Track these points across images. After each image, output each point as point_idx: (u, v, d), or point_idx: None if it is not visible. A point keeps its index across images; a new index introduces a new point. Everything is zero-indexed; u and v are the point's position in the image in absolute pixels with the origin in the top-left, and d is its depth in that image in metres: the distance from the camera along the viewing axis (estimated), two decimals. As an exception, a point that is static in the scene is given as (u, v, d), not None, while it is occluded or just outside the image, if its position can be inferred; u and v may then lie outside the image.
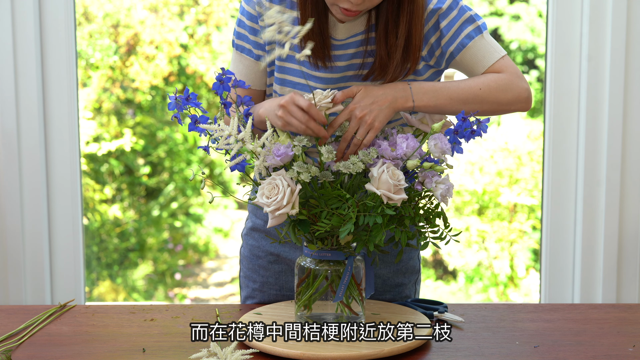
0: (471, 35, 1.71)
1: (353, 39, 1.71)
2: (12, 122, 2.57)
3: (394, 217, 1.53)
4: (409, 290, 1.91)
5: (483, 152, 4.43)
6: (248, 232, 1.93)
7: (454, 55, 1.72)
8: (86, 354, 1.55)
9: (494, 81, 1.68)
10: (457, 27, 1.71)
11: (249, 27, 1.76)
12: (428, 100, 1.65)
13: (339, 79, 1.72)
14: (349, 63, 1.72)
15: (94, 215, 4.41)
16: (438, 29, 1.71)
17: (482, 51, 1.72)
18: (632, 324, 1.71)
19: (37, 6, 2.57)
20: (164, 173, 4.56)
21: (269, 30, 1.49)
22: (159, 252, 4.49)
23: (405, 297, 1.90)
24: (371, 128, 1.59)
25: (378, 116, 1.60)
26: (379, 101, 1.62)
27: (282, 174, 1.51)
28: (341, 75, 1.72)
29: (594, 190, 2.63)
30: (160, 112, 4.47)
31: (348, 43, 1.72)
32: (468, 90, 1.67)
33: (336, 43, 1.71)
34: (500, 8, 4.68)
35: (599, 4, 2.56)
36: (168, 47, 4.33)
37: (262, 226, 1.89)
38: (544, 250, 2.70)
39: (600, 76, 2.59)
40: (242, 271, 1.95)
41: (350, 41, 1.71)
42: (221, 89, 1.58)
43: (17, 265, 2.61)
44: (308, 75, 1.73)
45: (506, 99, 1.69)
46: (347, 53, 1.71)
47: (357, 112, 1.60)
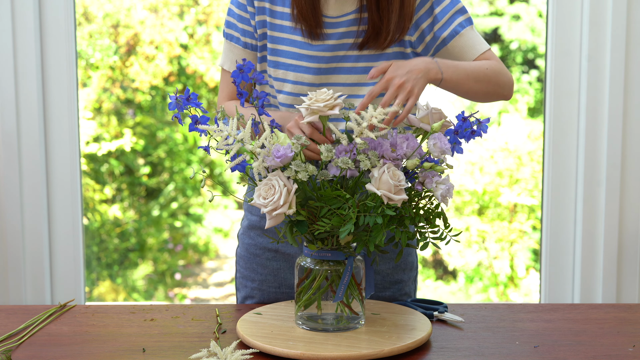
0: (463, 24, 1.79)
1: (345, 17, 1.76)
2: (12, 122, 2.57)
3: (394, 217, 1.53)
4: (408, 287, 1.91)
5: (483, 152, 4.43)
6: (244, 232, 1.93)
7: (447, 41, 1.78)
8: (86, 354, 1.55)
9: (493, 65, 1.77)
10: (450, 15, 1.78)
11: (237, 15, 1.83)
12: (452, 74, 1.69)
13: (330, 59, 1.77)
14: (340, 42, 1.77)
15: (94, 215, 4.41)
16: (432, 15, 1.77)
17: (472, 40, 1.80)
18: (632, 324, 1.71)
19: (37, 6, 2.57)
20: (164, 173, 4.56)
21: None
22: (159, 252, 4.49)
23: (405, 295, 1.90)
24: (411, 95, 1.61)
25: (417, 84, 1.63)
26: (415, 70, 1.64)
27: (279, 174, 1.51)
28: (332, 54, 1.77)
29: (594, 190, 2.63)
30: (161, 112, 4.47)
31: (340, 22, 1.76)
32: (478, 70, 1.75)
33: (328, 21, 1.76)
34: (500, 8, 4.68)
35: (599, 4, 2.56)
36: (168, 47, 4.33)
37: (258, 222, 1.89)
38: (544, 250, 2.70)
39: (600, 76, 2.59)
40: (238, 272, 1.95)
41: (342, 20, 1.76)
42: (240, 77, 1.60)
43: (17, 265, 2.61)
44: (299, 55, 1.77)
45: (503, 81, 1.78)
46: (338, 32, 1.76)
47: (395, 81, 1.62)
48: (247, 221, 1.93)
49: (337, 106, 1.55)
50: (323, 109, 1.54)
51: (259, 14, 1.81)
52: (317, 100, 1.55)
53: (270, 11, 1.80)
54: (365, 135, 1.52)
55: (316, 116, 1.55)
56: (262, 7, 1.80)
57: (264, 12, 1.80)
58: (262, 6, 1.80)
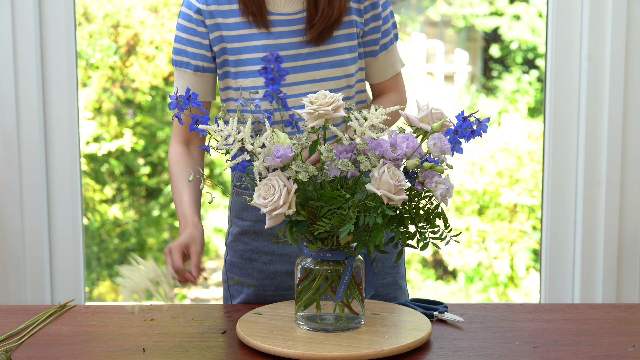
0: (393, 39, 1.90)
1: (296, 15, 1.80)
2: (12, 122, 2.57)
3: (394, 217, 1.53)
4: (402, 269, 1.94)
5: (483, 152, 4.43)
6: (236, 239, 1.90)
7: (377, 53, 1.88)
8: (86, 354, 1.55)
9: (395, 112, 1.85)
10: (391, 23, 1.89)
11: (185, 40, 1.81)
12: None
13: (292, 57, 1.80)
14: (294, 41, 1.80)
15: (94, 215, 4.41)
16: (377, 8, 1.84)
17: (394, 57, 1.91)
18: (632, 324, 1.71)
19: (37, 6, 2.57)
20: (164, 173, 4.56)
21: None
22: (159, 252, 4.49)
23: (402, 279, 1.93)
24: None
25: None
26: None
27: (279, 174, 1.51)
28: (293, 52, 1.80)
29: (594, 190, 2.63)
30: (160, 112, 4.47)
31: (292, 19, 1.80)
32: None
33: (280, 18, 1.79)
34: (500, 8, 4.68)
35: (599, 4, 2.56)
36: (168, 47, 4.33)
37: (251, 227, 1.87)
38: (544, 250, 2.70)
39: (600, 76, 2.59)
40: (231, 279, 1.92)
41: (294, 17, 1.80)
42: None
43: (17, 265, 2.61)
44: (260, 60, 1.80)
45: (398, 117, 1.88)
46: (290, 29, 1.80)
47: None
48: (237, 228, 1.90)
49: (340, 107, 1.54)
50: (330, 112, 1.53)
51: (212, 32, 1.80)
52: (322, 104, 1.53)
53: (225, 25, 1.79)
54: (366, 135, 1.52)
55: (322, 120, 1.54)
56: (215, 24, 1.79)
57: (218, 28, 1.79)
58: (214, 23, 1.79)
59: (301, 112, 1.54)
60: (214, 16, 1.79)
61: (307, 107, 1.53)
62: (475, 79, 4.98)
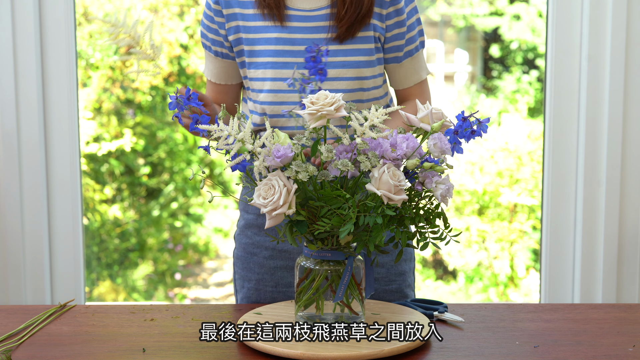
0: (419, 47, 1.91)
1: (317, 12, 1.81)
2: (12, 122, 2.57)
3: (394, 217, 1.53)
4: (410, 278, 1.93)
5: (483, 152, 4.43)
6: (241, 231, 1.95)
7: (401, 59, 1.89)
8: (86, 354, 1.55)
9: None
10: (417, 31, 1.90)
11: (206, 26, 1.89)
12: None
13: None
14: (313, 37, 1.81)
15: (94, 215, 4.41)
16: (402, 15, 1.85)
17: (420, 64, 1.93)
18: (632, 324, 1.71)
19: (37, 6, 2.57)
20: (164, 173, 4.56)
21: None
22: (159, 252, 4.49)
23: (408, 287, 1.92)
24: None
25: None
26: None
27: (279, 174, 1.51)
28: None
29: (594, 190, 2.63)
30: (160, 112, 4.47)
31: (312, 16, 1.81)
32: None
33: (300, 14, 1.81)
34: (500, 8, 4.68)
35: (599, 4, 2.56)
36: (168, 47, 4.33)
37: (255, 220, 1.91)
38: (544, 250, 2.70)
39: (600, 76, 2.59)
40: (237, 273, 1.96)
41: (315, 14, 1.81)
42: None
43: (17, 265, 2.61)
44: (275, 52, 1.81)
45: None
46: (310, 26, 1.81)
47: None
48: (243, 220, 1.94)
49: (342, 107, 1.54)
50: (333, 112, 1.53)
51: (229, 22, 1.85)
52: (324, 104, 1.52)
53: (242, 15, 1.83)
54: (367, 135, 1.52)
55: (324, 120, 1.53)
56: (233, 14, 1.84)
57: (236, 18, 1.84)
58: (232, 13, 1.84)
59: (303, 112, 1.53)
60: (231, 6, 1.84)
61: (309, 108, 1.52)
62: (475, 79, 4.99)
